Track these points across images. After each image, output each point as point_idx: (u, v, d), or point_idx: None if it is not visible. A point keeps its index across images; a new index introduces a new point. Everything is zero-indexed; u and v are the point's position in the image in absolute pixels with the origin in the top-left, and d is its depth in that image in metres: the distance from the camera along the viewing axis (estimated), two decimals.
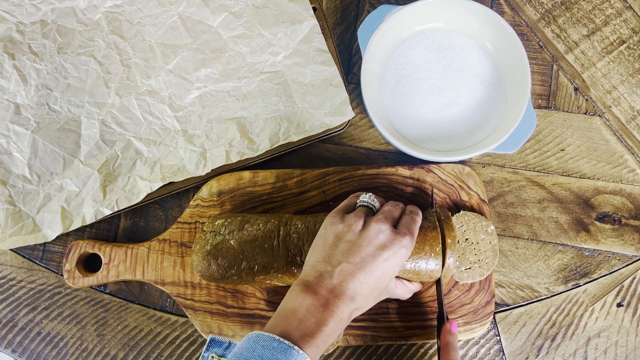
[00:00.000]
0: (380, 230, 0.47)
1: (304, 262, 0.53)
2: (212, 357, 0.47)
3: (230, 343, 0.48)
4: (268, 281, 0.54)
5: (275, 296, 0.59)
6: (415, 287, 0.56)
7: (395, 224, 0.49)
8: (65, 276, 0.59)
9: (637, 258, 0.62)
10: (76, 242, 0.60)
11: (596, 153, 0.64)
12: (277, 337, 0.41)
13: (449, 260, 0.52)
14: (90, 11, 0.63)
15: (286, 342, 0.41)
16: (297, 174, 0.61)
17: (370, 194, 0.52)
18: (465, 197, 0.61)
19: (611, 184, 0.64)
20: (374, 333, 0.58)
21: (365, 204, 0.51)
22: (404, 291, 0.54)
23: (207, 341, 0.49)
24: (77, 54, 0.62)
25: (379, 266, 0.46)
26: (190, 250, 0.60)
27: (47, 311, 0.62)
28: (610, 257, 0.62)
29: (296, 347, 0.41)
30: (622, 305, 0.61)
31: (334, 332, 0.44)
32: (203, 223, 0.60)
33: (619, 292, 0.62)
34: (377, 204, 0.51)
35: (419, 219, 0.51)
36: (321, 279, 0.45)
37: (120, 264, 0.60)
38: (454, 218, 0.59)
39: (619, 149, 0.64)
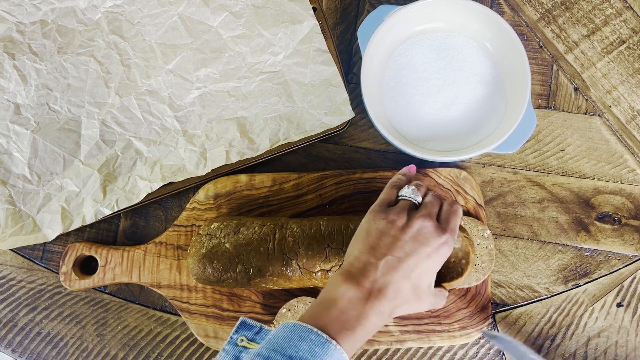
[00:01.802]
0: (423, 226, 0.46)
1: (299, 266, 0.53)
2: (242, 339, 0.45)
3: (261, 328, 0.45)
4: (264, 284, 0.54)
5: (271, 299, 0.59)
6: (446, 294, 0.53)
7: (437, 218, 0.48)
8: (62, 278, 0.59)
9: (637, 258, 0.62)
10: (73, 245, 0.60)
11: (596, 153, 0.64)
12: (315, 330, 0.40)
13: (468, 272, 0.52)
14: (90, 11, 0.63)
15: (324, 335, 0.40)
16: (293, 177, 0.61)
17: (413, 187, 0.50)
18: (461, 202, 0.61)
19: (611, 184, 0.64)
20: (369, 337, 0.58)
21: (407, 198, 0.49)
22: (441, 297, 0.51)
23: (237, 323, 0.46)
24: (77, 54, 0.62)
25: (422, 262, 0.45)
26: (186, 253, 0.60)
27: (47, 311, 0.62)
28: (610, 257, 0.62)
29: (334, 342, 0.40)
30: (622, 305, 0.61)
31: (374, 327, 0.43)
32: (199, 226, 0.60)
33: (619, 292, 0.62)
34: (419, 199, 0.49)
35: (460, 213, 0.49)
36: (365, 271, 0.44)
37: (116, 266, 0.60)
38: None
39: (619, 149, 0.64)
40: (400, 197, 0.50)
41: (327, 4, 0.68)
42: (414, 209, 0.48)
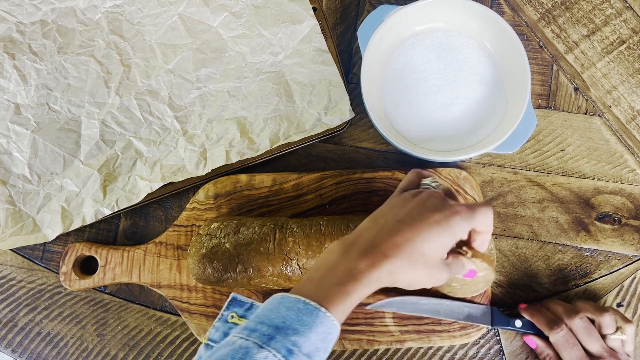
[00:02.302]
0: (433, 195, 0.44)
1: (299, 266, 0.53)
2: (232, 316, 0.44)
3: (252, 304, 0.44)
4: (264, 284, 0.54)
5: None
6: (470, 266, 0.47)
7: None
8: (62, 279, 0.59)
9: (637, 258, 0.62)
10: (73, 245, 0.60)
11: (596, 153, 0.64)
12: (303, 299, 0.39)
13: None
14: (90, 11, 0.63)
15: (312, 303, 0.39)
16: (293, 177, 0.61)
17: (434, 178, 0.48)
18: (462, 202, 0.61)
19: (611, 184, 0.64)
20: (369, 337, 0.58)
21: (428, 185, 0.48)
22: (457, 265, 0.46)
23: (228, 300, 0.45)
24: (77, 54, 0.62)
25: (428, 227, 0.41)
26: (186, 253, 0.60)
27: (47, 311, 0.62)
28: (610, 257, 0.62)
29: (322, 309, 0.38)
30: (622, 305, 0.61)
31: (369, 289, 0.40)
32: (199, 226, 0.60)
33: (619, 292, 0.62)
34: (440, 189, 0.47)
35: (489, 213, 0.44)
36: (360, 235, 0.42)
37: (116, 266, 0.60)
38: None
39: (619, 149, 0.64)
40: (422, 185, 0.48)
41: (327, 4, 0.68)
42: None
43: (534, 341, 0.58)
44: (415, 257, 0.41)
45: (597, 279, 0.62)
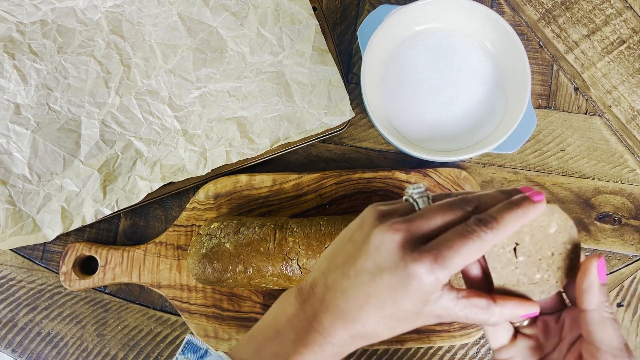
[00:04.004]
0: (382, 243, 0.34)
1: (299, 266, 0.53)
2: None
3: (206, 351, 0.39)
4: (264, 284, 0.54)
5: (271, 300, 0.59)
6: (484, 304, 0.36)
7: (433, 237, 0.34)
8: (62, 279, 0.59)
9: (637, 258, 0.62)
10: (73, 245, 0.60)
11: (596, 153, 0.64)
12: None
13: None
14: (90, 11, 0.63)
15: None
16: (293, 177, 0.61)
17: (420, 185, 0.37)
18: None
19: (611, 184, 0.64)
20: None
21: (409, 197, 0.38)
22: (474, 313, 0.35)
23: (184, 342, 0.40)
24: (77, 54, 0.62)
25: (379, 295, 0.34)
26: (186, 253, 0.60)
27: (47, 311, 0.62)
28: (611, 257, 0.62)
29: None
30: (622, 305, 0.61)
31: (320, 356, 0.35)
32: (199, 226, 0.60)
33: (619, 292, 0.62)
34: (420, 203, 0.37)
35: (477, 238, 0.33)
36: (314, 286, 0.36)
37: (116, 266, 0.60)
38: None
39: (619, 149, 0.64)
40: (405, 197, 0.38)
41: (327, 4, 0.68)
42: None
43: None
44: (384, 322, 0.34)
45: None
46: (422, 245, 0.33)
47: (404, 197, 0.39)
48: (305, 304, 0.36)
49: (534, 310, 0.37)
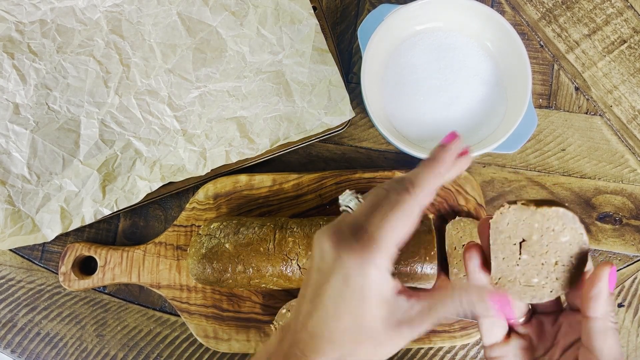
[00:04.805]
0: (321, 249, 0.34)
1: (299, 266, 0.53)
2: None
3: None
4: (264, 285, 0.54)
5: (271, 300, 0.59)
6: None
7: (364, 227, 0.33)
8: (61, 279, 0.59)
9: (638, 258, 0.62)
10: (72, 245, 0.60)
11: (597, 153, 0.64)
12: None
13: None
14: (89, 10, 0.63)
15: None
16: (293, 177, 0.61)
17: (346, 192, 0.39)
18: (462, 202, 0.61)
19: (612, 184, 0.63)
20: None
21: (343, 208, 0.39)
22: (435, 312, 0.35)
23: None
24: (77, 54, 0.62)
25: (329, 303, 0.33)
26: (185, 254, 0.60)
27: (46, 311, 0.62)
28: (611, 258, 0.62)
29: None
30: (623, 306, 0.61)
31: None
32: (199, 226, 0.60)
33: (619, 293, 0.61)
34: (352, 206, 0.38)
35: (397, 204, 0.33)
36: (293, 319, 0.36)
37: (116, 266, 0.60)
38: (449, 224, 0.58)
39: (620, 149, 0.64)
40: (341, 209, 0.39)
41: (327, 4, 0.67)
42: None
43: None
44: (350, 336, 0.33)
45: None
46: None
47: (340, 210, 0.38)
48: (282, 341, 0.35)
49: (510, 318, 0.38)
